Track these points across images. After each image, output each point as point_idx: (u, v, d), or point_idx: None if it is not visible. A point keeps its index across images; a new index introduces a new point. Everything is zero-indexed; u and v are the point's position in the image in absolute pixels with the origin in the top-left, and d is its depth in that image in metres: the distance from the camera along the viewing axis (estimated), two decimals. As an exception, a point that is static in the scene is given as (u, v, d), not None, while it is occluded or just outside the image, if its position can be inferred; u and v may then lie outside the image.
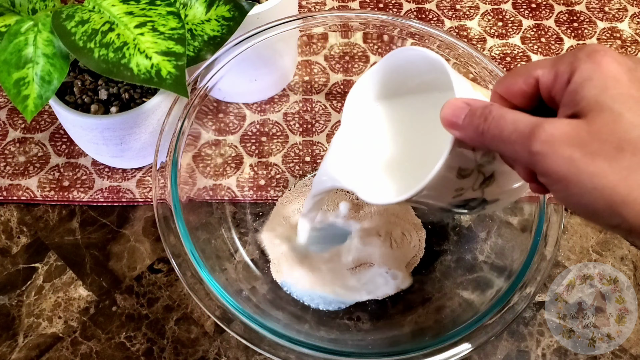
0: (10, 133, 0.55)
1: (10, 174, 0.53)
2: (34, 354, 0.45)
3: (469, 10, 0.66)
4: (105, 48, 0.39)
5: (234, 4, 0.45)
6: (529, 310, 0.48)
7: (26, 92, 0.39)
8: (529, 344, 0.47)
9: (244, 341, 0.38)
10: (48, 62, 0.40)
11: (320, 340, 0.41)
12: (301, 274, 0.47)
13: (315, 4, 0.65)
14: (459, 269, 0.48)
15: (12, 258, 0.49)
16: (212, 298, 0.39)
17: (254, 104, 0.56)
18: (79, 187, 0.52)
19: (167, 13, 0.41)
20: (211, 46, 0.44)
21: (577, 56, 0.27)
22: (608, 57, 0.26)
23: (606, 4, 0.67)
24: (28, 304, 0.47)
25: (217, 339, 0.46)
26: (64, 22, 0.40)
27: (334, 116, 0.57)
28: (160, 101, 0.46)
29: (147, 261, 0.49)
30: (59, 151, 0.54)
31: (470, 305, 0.43)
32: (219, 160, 0.52)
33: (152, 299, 0.48)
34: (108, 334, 0.46)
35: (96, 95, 0.47)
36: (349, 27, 0.51)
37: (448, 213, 0.51)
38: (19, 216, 0.51)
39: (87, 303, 0.48)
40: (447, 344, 0.38)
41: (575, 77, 0.26)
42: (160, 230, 0.41)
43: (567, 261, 0.50)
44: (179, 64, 0.40)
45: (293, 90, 0.58)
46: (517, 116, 0.27)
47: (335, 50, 0.60)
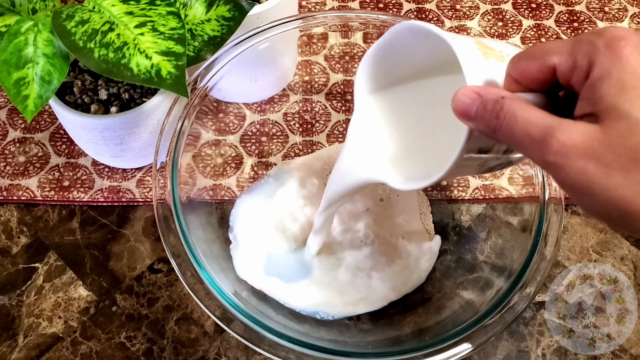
0: (10, 133, 0.55)
1: (10, 174, 0.53)
2: (34, 354, 0.45)
3: (469, 10, 0.66)
4: (105, 48, 0.39)
5: (234, 4, 0.45)
6: (529, 310, 0.48)
7: (26, 92, 0.40)
8: (529, 344, 0.47)
9: (244, 341, 0.38)
10: (48, 62, 0.40)
11: (320, 340, 0.41)
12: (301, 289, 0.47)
13: (315, 4, 0.65)
14: (459, 269, 0.48)
15: (12, 258, 0.49)
16: (212, 298, 0.39)
17: (254, 104, 0.56)
18: (79, 187, 0.52)
19: (167, 13, 0.41)
20: (211, 46, 0.44)
21: (595, 45, 0.25)
22: (629, 48, 0.24)
23: (606, 4, 0.67)
24: (28, 304, 0.47)
25: (217, 339, 0.46)
26: (64, 22, 0.40)
27: (334, 116, 0.57)
28: (160, 101, 0.46)
29: (147, 261, 0.49)
30: (59, 151, 0.54)
31: (470, 305, 0.43)
32: (219, 160, 0.52)
33: (152, 299, 0.48)
34: (108, 334, 0.46)
35: (96, 95, 0.47)
36: (349, 27, 0.51)
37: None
38: (19, 216, 0.51)
39: (87, 303, 0.48)
40: (447, 344, 0.38)
41: (594, 73, 0.25)
42: (160, 230, 0.41)
43: (567, 261, 0.50)
44: (179, 64, 0.40)
45: (293, 90, 0.58)
46: (528, 116, 0.26)
47: (335, 50, 0.60)
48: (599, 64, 0.25)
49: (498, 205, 0.51)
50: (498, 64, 0.31)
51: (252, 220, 0.49)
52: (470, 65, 0.30)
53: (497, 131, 0.27)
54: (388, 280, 0.46)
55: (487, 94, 0.28)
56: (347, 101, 0.57)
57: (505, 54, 0.31)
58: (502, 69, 0.30)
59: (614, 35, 0.25)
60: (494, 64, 0.31)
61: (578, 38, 0.27)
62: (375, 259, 0.47)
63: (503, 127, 0.27)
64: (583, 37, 0.26)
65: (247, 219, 0.49)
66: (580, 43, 0.26)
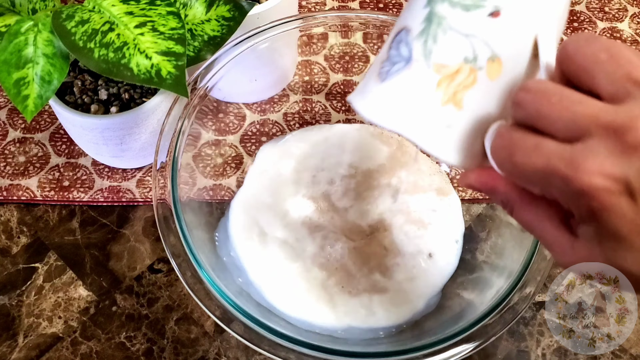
0: (10, 133, 0.55)
1: (10, 174, 0.53)
2: (34, 354, 0.45)
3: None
4: (105, 48, 0.39)
5: (234, 4, 0.45)
6: (529, 310, 0.48)
7: (26, 92, 0.40)
8: (529, 344, 0.47)
9: (244, 341, 0.38)
10: (48, 62, 0.40)
11: (320, 340, 0.41)
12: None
13: (315, 4, 0.65)
14: (459, 269, 0.48)
15: (12, 258, 0.49)
16: (212, 298, 0.39)
17: (254, 104, 0.56)
18: (79, 187, 0.52)
19: (167, 13, 0.41)
20: (211, 46, 0.44)
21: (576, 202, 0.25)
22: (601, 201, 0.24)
23: (606, 4, 0.67)
24: (28, 304, 0.47)
25: (217, 339, 0.46)
26: (64, 22, 0.40)
27: (334, 116, 0.57)
28: (160, 101, 0.46)
29: (147, 261, 0.49)
30: (59, 151, 0.54)
31: (470, 305, 0.43)
32: (219, 160, 0.52)
33: (152, 299, 0.48)
34: (108, 334, 0.46)
35: (96, 95, 0.47)
36: (349, 27, 0.51)
37: None
38: (19, 216, 0.51)
39: (87, 303, 0.48)
40: (447, 344, 0.38)
41: (580, 232, 0.26)
42: (160, 230, 0.41)
43: (567, 261, 0.50)
44: (179, 64, 0.40)
45: (293, 90, 0.58)
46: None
47: (335, 50, 0.60)
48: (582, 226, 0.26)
49: (498, 205, 0.51)
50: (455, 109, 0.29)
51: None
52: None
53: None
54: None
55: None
56: (347, 101, 0.57)
57: (478, 68, 0.29)
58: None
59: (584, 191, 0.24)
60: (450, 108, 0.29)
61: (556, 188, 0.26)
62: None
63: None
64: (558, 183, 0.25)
65: None
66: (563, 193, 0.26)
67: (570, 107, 0.25)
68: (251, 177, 0.51)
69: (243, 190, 0.50)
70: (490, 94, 0.29)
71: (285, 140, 0.53)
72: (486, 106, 0.29)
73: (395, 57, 0.30)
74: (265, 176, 0.51)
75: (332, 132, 0.54)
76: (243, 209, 0.49)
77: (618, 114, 0.24)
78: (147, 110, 0.46)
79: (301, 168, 0.51)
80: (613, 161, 0.23)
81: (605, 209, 0.24)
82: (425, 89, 0.29)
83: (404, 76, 0.29)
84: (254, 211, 0.49)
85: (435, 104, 0.29)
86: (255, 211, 0.49)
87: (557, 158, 0.24)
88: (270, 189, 0.50)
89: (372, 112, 0.30)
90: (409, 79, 0.29)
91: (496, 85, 0.29)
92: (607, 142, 0.23)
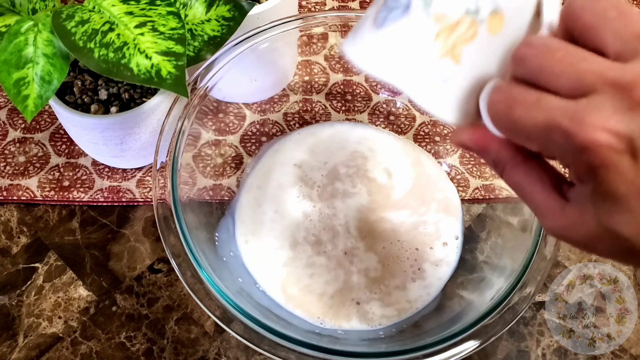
0: (10, 133, 0.55)
1: (10, 174, 0.53)
2: (34, 354, 0.45)
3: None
4: (105, 48, 0.39)
5: (234, 4, 0.45)
6: (529, 310, 0.48)
7: (26, 92, 0.40)
8: (529, 344, 0.47)
9: (244, 341, 0.38)
10: (48, 62, 0.40)
11: (320, 340, 0.41)
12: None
13: (315, 4, 0.65)
14: (459, 269, 0.48)
15: (12, 258, 0.49)
16: (212, 298, 0.39)
17: (254, 104, 0.56)
18: (79, 187, 0.52)
19: (167, 13, 0.41)
20: (211, 46, 0.44)
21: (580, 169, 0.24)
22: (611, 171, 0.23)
23: (606, 4, 0.67)
24: (28, 304, 0.47)
25: (217, 339, 0.46)
26: (64, 22, 0.40)
27: (334, 116, 0.57)
28: (160, 101, 0.46)
29: (147, 261, 0.49)
30: (59, 151, 0.54)
31: (470, 305, 0.43)
32: (219, 160, 0.52)
33: (152, 299, 0.48)
34: (108, 334, 0.46)
35: (96, 95, 0.47)
36: (349, 27, 0.51)
37: None
38: (19, 216, 0.51)
39: (87, 303, 0.48)
40: (447, 344, 0.38)
41: (574, 194, 0.26)
42: (160, 230, 0.41)
43: (567, 261, 0.50)
44: (179, 64, 0.40)
45: (293, 90, 0.58)
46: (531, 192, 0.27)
47: (335, 50, 0.60)
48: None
49: (498, 205, 0.51)
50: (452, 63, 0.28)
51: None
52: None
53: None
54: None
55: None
56: (347, 101, 0.57)
57: (479, 20, 0.27)
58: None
59: (594, 163, 0.24)
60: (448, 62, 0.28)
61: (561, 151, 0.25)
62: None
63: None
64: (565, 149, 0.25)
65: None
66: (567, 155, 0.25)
67: (575, 63, 0.24)
68: (252, 177, 0.51)
69: (244, 190, 0.50)
70: (489, 49, 0.28)
71: (286, 140, 0.53)
72: (484, 62, 0.28)
73: (393, 2, 0.27)
74: (265, 176, 0.51)
75: (332, 131, 0.54)
76: (245, 209, 0.49)
77: (625, 71, 0.23)
78: (147, 110, 0.46)
79: (301, 168, 0.51)
80: (618, 118, 0.23)
81: (605, 167, 0.23)
82: (423, 39, 0.27)
83: (401, 24, 0.27)
84: (254, 211, 0.49)
85: (432, 56, 0.27)
86: (255, 211, 0.49)
87: (560, 113, 0.24)
88: (270, 189, 0.50)
89: (365, 60, 0.28)
90: (406, 27, 0.27)
91: (496, 41, 0.28)
92: (613, 98, 0.23)
